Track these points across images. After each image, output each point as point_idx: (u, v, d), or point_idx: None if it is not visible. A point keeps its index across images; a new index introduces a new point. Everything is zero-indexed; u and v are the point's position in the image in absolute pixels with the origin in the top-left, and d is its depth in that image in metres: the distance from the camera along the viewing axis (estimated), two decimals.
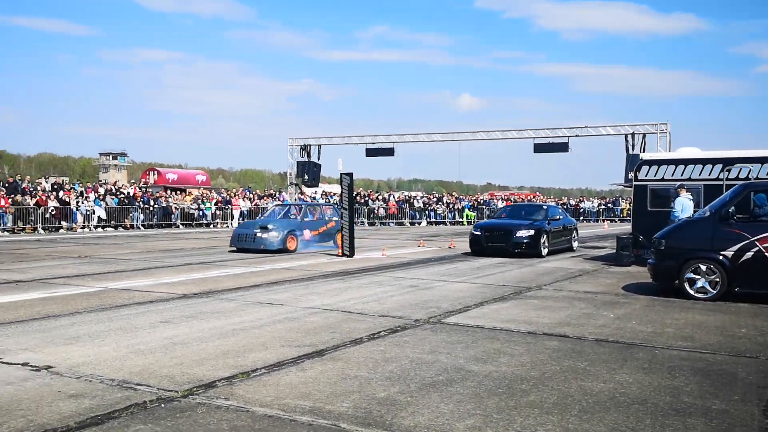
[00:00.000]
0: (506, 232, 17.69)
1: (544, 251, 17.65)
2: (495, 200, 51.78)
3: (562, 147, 22.05)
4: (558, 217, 19.09)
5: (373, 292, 10.82)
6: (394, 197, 45.77)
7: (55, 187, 31.94)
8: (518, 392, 5.24)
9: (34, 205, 27.84)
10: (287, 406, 4.82)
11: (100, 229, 29.56)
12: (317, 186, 28.84)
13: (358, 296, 10.38)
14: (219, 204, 36.63)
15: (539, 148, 22.18)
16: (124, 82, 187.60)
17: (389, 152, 23.68)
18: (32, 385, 5.27)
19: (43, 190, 29.98)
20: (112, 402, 4.85)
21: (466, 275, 13.37)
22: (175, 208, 34.40)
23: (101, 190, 33.18)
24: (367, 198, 42.09)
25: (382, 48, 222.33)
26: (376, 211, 40.98)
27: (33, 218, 27.57)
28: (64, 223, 28.52)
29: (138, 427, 4.34)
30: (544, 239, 17.67)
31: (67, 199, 29.47)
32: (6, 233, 26.02)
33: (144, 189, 38.54)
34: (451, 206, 44.69)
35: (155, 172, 59.74)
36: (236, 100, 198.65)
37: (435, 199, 46.84)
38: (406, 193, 59.47)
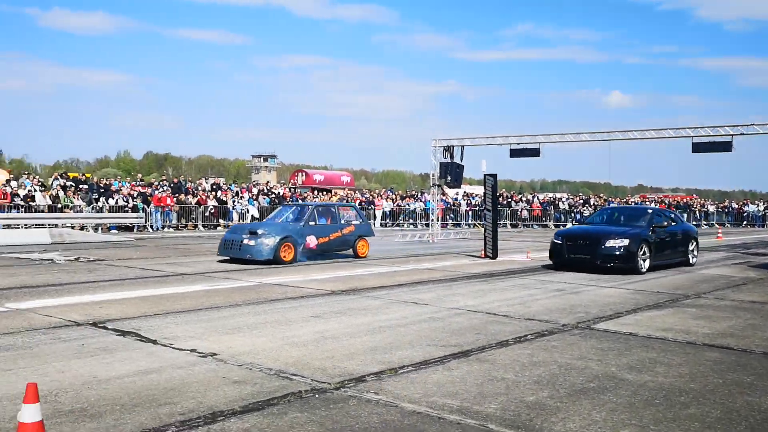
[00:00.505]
0: (592, 241, 14.35)
1: (644, 266, 14.18)
2: (647, 202, 49.27)
3: (725, 146, 20.48)
4: (665, 223, 15.46)
5: (518, 295, 10.67)
6: (538, 199, 44.84)
7: (214, 187, 34.23)
8: (677, 404, 4.97)
9: (195, 203, 30.00)
10: (435, 404, 4.87)
11: None
12: (459, 187, 28.79)
13: (503, 299, 10.28)
14: (362, 204, 37.59)
15: (698, 148, 20.73)
16: (274, 87, 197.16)
17: (534, 153, 23.10)
18: (200, 370, 5.69)
19: (204, 190, 32.23)
20: (270, 390, 5.13)
21: (615, 280, 12.83)
22: None
23: (254, 191, 35.16)
24: (510, 199, 41.54)
25: (527, 46, 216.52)
26: (519, 213, 40.34)
27: (194, 216, 29.70)
28: (221, 221, 30.48)
29: (295, 414, 4.57)
30: (643, 251, 14.20)
31: (224, 199, 31.50)
32: (171, 229, 28.25)
33: (293, 189, 40.35)
34: (598, 209, 43.09)
35: (303, 174, 62.31)
36: (380, 102, 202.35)
37: (581, 201, 45.36)
38: (551, 194, 58.01)
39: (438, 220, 27.14)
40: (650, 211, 16.46)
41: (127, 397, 4.88)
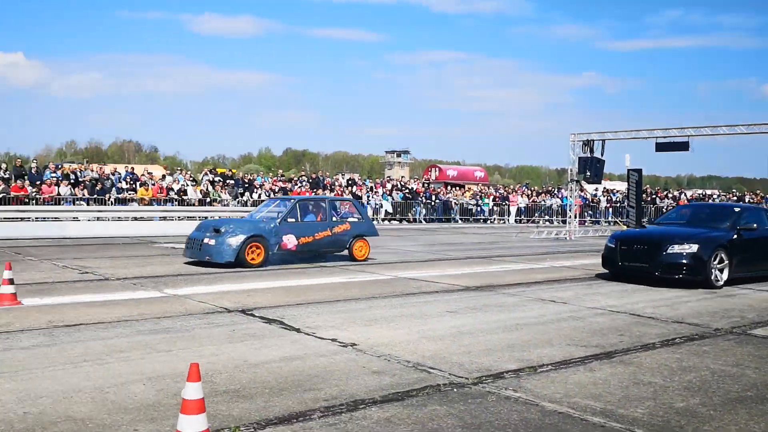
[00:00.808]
0: (651, 246, 11.55)
1: (720, 278, 11.22)
2: None
3: None
4: (755, 225, 12.05)
5: (664, 296, 10.14)
6: (685, 195, 42.33)
7: (350, 182, 35.13)
8: None
9: None
10: (577, 404, 4.74)
11: (386, 222, 31.82)
12: (600, 183, 27.71)
13: (647, 299, 9.81)
14: (496, 200, 37.18)
15: None
16: (409, 84, 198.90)
17: (683, 147, 21.76)
18: (341, 359, 5.88)
19: (340, 185, 33.17)
20: (409, 381, 5.21)
21: None
22: (455, 203, 35.67)
23: (388, 186, 35.74)
24: (654, 196, 39.51)
25: (675, 34, 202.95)
26: (664, 210, 38.26)
27: None
28: None
29: (434, 407, 4.62)
30: (719, 259, 11.26)
31: (359, 194, 32.24)
32: None
33: (426, 185, 40.61)
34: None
35: (436, 169, 62.46)
36: (515, 95, 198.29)
37: (735, 198, 42.31)
38: (700, 191, 54.55)
39: (576, 217, 26.32)
40: (737, 209, 13.22)
41: (274, 381, 5.14)
